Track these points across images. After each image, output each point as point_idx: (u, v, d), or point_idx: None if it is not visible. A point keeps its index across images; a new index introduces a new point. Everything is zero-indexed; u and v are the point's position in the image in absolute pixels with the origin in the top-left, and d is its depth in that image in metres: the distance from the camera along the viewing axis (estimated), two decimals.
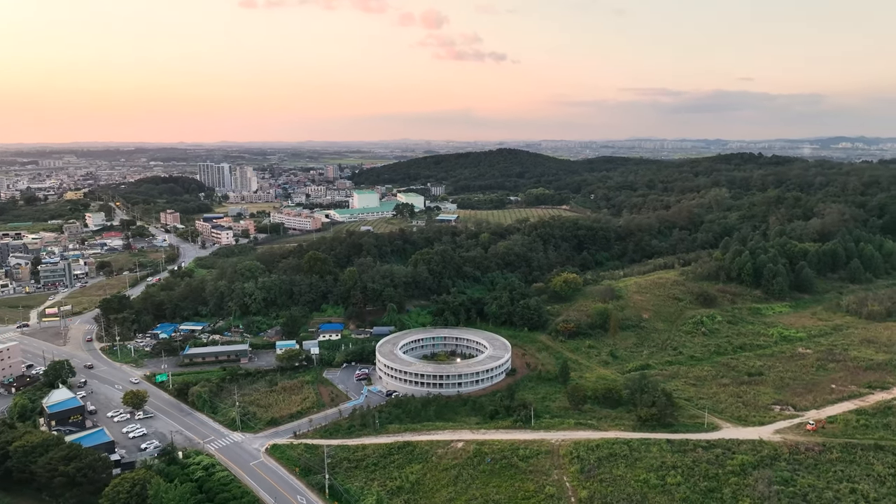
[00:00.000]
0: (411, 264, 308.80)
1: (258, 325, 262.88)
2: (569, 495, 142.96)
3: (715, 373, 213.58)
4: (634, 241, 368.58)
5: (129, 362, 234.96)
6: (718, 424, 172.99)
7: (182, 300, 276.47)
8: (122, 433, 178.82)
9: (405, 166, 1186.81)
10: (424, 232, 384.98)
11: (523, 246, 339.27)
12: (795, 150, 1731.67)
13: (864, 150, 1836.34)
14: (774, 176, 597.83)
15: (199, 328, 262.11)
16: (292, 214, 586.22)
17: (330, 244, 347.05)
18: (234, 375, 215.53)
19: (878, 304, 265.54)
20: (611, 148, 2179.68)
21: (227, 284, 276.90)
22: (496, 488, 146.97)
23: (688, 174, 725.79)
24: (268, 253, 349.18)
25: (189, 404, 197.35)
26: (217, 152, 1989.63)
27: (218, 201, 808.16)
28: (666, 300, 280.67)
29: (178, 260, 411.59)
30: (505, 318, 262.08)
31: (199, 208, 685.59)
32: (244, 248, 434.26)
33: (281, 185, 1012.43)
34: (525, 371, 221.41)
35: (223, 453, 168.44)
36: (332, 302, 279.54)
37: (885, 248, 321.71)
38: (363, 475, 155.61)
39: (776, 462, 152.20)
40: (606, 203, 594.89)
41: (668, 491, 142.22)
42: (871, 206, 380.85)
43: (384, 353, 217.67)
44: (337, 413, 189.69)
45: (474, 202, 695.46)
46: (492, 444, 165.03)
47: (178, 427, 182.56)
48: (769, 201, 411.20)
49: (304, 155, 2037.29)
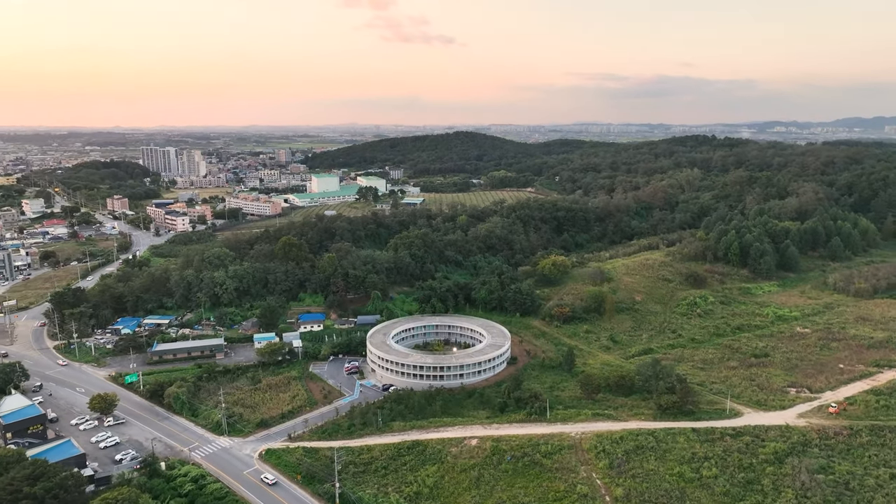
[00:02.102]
0: (391, 249, 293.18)
1: (231, 317, 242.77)
2: (602, 494, 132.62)
3: (720, 355, 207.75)
4: (614, 222, 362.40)
5: (90, 361, 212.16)
6: (740, 410, 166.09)
7: (144, 292, 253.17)
8: (91, 443, 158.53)
9: (360, 150, 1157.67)
10: (397, 215, 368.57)
11: (504, 228, 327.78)
12: (735, 134, 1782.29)
13: (798, 134, 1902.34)
14: (734, 157, 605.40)
15: (165, 322, 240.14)
16: (250, 199, 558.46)
17: (300, 229, 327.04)
18: (212, 373, 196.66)
19: (864, 281, 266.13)
20: (559, 132, 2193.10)
21: (194, 274, 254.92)
22: (523, 489, 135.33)
23: (648, 156, 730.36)
24: (233, 239, 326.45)
25: (165, 407, 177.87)
26: (157, 136, 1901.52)
27: (165, 187, 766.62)
28: (656, 282, 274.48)
29: (131, 248, 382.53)
30: (496, 303, 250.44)
31: (146, 194, 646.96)
32: (203, 235, 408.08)
33: (230, 169, 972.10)
34: (526, 359, 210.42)
35: (211, 462, 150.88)
36: (311, 290, 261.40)
37: (860, 225, 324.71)
38: (374, 480, 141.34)
39: (808, 448, 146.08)
40: (573, 185, 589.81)
41: (706, 484, 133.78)
42: (840, 184, 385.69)
43: (376, 343, 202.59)
44: (333, 411, 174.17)
45: (437, 185, 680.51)
46: (508, 440, 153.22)
47: (155, 434, 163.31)
48: (742, 181, 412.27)
49: (250, 139, 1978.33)
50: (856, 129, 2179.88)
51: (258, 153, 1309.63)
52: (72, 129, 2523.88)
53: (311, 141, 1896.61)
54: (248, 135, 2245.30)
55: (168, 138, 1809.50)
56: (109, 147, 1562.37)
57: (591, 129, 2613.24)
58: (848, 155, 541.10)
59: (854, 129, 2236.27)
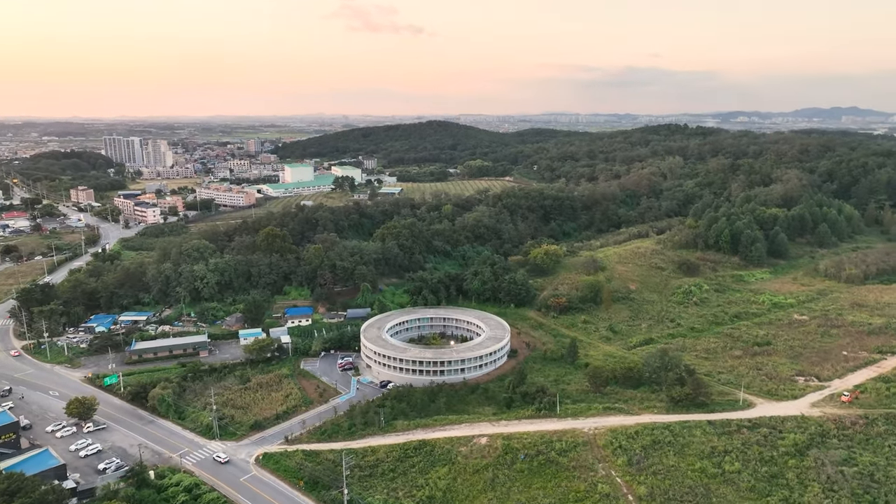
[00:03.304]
0: (378, 239, 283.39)
1: (214, 312, 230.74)
2: (624, 493, 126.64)
3: (722, 344, 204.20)
4: (600, 210, 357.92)
5: (63, 362, 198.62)
6: (752, 401, 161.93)
7: (119, 287, 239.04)
8: (70, 452, 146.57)
9: (331, 139, 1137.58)
10: (380, 205, 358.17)
11: (491, 218, 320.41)
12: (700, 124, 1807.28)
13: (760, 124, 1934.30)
14: (710, 145, 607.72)
15: (143, 318, 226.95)
16: (222, 190, 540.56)
17: (280, 220, 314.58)
18: (197, 372, 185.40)
19: (854, 267, 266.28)
20: (528, 122, 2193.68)
21: (172, 267, 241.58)
22: (542, 490, 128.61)
23: (623, 145, 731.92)
24: (210, 231, 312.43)
25: (149, 410, 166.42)
26: (118, 126, 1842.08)
27: (131, 177, 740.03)
28: (649, 270, 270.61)
29: (99, 241, 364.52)
30: (489, 294, 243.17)
31: (111, 185, 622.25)
32: (175, 227, 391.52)
33: (198, 160, 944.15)
34: (526, 352, 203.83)
35: (204, 468, 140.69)
36: (296, 283, 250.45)
37: (844, 211, 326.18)
38: (382, 485, 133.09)
39: (826, 439, 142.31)
40: (551, 174, 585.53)
41: (729, 480, 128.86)
42: (821, 171, 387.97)
43: (371, 338, 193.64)
44: (331, 410, 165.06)
45: (414, 175, 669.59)
46: (520, 437, 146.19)
47: (140, 439, 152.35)
48: (724, 168, 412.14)
49: (215, 129, 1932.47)
50: (814, 119, 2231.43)
51: (225, 143, 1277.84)
52: (27, 118, 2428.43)
53: (279, 131, 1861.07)
54: (213, 125, 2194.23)
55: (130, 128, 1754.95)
56: (68, 137, 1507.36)
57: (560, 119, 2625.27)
58: (821, 143, 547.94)
59: (813, 119, 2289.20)
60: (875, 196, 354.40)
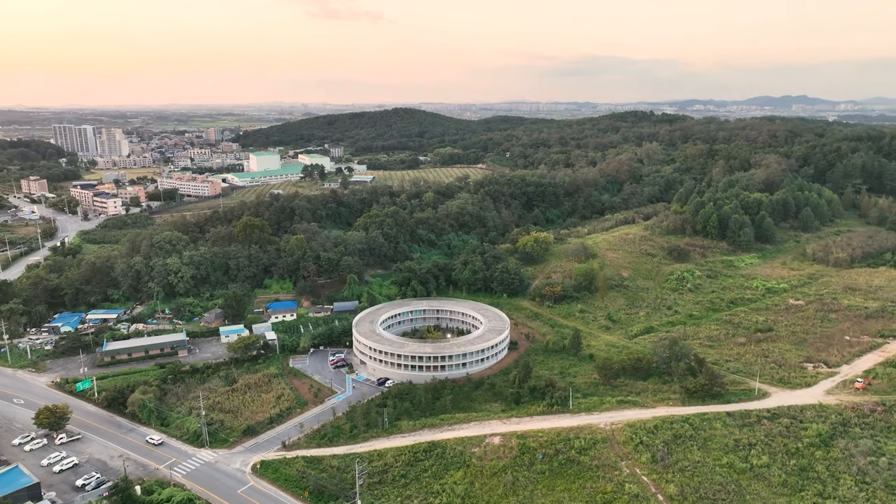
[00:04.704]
0: (360, 228, 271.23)
1: (190, 308, 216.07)
2: (653, 492, 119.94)
3: (724, 331, 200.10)
4: (583, 196, 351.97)
5: (26, 366, 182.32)
6: (766, 390, 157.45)
7: (85, 283, 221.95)
8: (42, 467, 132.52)
9: (294, 127, 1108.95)
10: (357, 193, 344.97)
11: (475, 205, 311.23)
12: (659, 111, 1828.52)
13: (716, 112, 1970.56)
14: (681, 131, 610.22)
15: (113, 316, 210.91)
16: (185, 179, 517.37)
17: (254, 209, 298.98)
18: (178, 374, 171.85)
19: (841, 250, 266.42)
20: (490, 110, 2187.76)
21: (143, 261, 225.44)
22: (566, 493, 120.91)
23: (593, 131, 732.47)
24: (179, 222, 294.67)
25: (128, 417, 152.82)
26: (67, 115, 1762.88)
27: (85, 167, 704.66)
28: (640, 256, 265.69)
29: (57, 235, 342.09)
30: (481, 284, 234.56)
31: (64, 175, 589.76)
32: (140, 219, 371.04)
33: (156, 149, 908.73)
34: (526, 343, 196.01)
35: (196, 480, 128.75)
36: (277, 276, 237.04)
37: (824, 196, 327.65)
38: (395, 492, 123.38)
39: (849, 428, 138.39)
40: (525, 160, 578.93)
41: (759, 475, 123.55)
42: (797, 156, 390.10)
43: (364, 332, 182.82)
44: (328, 412, 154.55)
45: (384, 163, 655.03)
46: (535, 435, 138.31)
47: (121, 450, 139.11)
48: (703, 153, 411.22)
49: (170, 118, 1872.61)
50: (766, 108, 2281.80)
51: (183, 132, 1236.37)
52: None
53: (238, 119, 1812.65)
54: (167, 114, 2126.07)
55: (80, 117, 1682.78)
56: (13, 126, 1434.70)
57: (521, 107, 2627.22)
58: (788, 128, 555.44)
59: (765, 107, 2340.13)
60: (851, 180, 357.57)
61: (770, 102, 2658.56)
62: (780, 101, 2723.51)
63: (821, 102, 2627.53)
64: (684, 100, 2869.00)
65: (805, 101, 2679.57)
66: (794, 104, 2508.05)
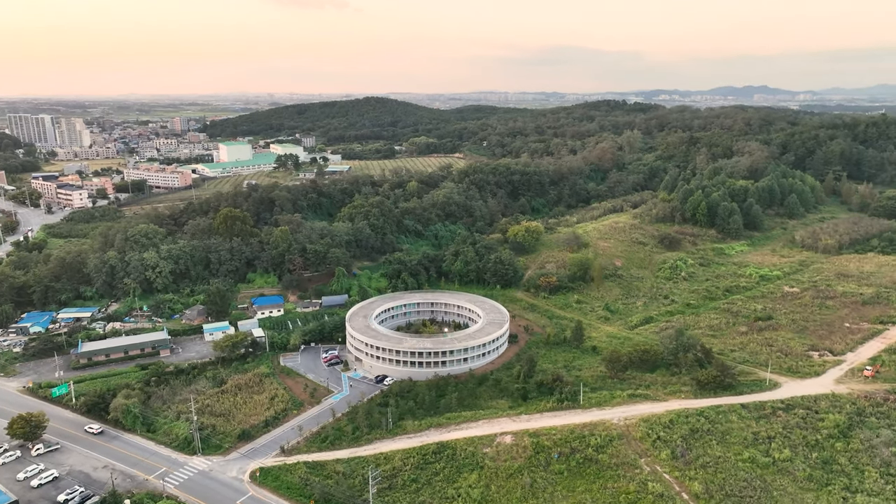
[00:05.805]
0: (345, 219, 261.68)
1: (170, 305, 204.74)
2: (678, 491, 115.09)
3: (724, 320, 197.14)
4: (568, 185, 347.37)
5: None
6: (776, 380, 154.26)
7: (55, 280, 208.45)
8: (19, 482, 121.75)
9: (263, 117, 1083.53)
10: (338, 183, 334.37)
11: (461, 194, 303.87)
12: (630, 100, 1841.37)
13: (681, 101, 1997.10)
14: (657, 120, 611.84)
15: (87, 315, 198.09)
16: (154, 170, 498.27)
17: (232, 200, 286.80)
18: (162, 375, 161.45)
19: (829, 237, 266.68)
20: (459, 100, 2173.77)
21: (117, 256, 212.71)
22: (588, 494, 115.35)
23: (568, 120, 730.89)
24: (152, 214, 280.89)
25: (110, 423, 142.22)
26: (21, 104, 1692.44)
27: (44, 158, 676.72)
28: (631, 245, 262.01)
29: (19, 229, 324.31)
30: (473, 275, 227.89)
31: (23, 166, 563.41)
32: (108, 211, 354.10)
33: (119, 139, 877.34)
34: (525, 336, 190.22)
35: (190, 491, 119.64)
36: (261, 269, 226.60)
37: (808, 182, 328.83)
38: (407, 498, 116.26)
39: (865, 418, 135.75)
40: (502, 149, 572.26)
41: (783, 469, 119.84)
42: (776, 143, 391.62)
43: (359, 328, 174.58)
44: (327, 412, 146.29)
45: (359, 152, 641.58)
46: (547, 433, 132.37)
47: (106, 460, 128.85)
48: (685, 141, 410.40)
49: (132, 108, 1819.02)
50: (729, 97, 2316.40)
51: (146, 122, 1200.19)
52: None
53: (202, 109, 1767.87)
54: (128, 104, 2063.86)
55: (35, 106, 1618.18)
56: None
57: (490, 97, 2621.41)
58: (761, 116, 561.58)
59: (728, 96, 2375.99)
60: (831, 167, 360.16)
61: (733, 92, 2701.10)
62: (743, 91, 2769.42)
63: (781, 92, 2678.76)
64: (650, 90, 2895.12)
65: (766, 91, 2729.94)
66: (756, 94, 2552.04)
